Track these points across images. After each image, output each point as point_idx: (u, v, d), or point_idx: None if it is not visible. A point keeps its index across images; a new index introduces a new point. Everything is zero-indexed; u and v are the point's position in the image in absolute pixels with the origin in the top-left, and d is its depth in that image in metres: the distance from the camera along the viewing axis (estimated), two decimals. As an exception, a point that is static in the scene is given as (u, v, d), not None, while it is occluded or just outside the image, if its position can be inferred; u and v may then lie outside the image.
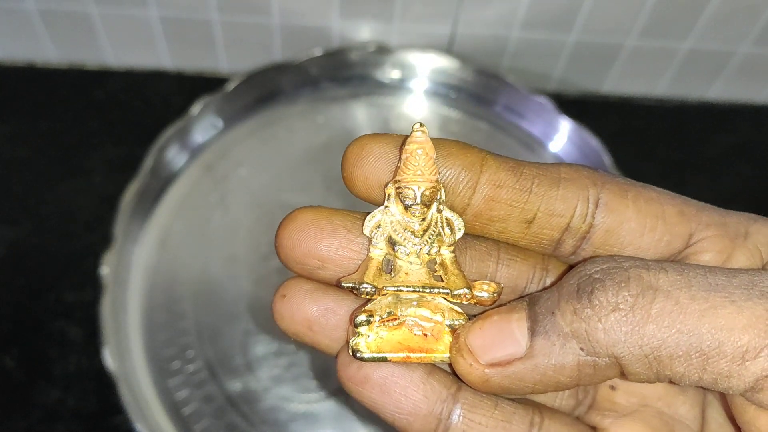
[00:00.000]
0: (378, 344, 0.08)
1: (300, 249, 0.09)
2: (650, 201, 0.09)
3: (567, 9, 0.28)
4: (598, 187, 0.09)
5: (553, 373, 0.08)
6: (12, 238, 0.25)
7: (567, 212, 0.08)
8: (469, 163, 0.08)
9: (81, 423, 0.21)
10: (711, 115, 0.33)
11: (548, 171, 0.09)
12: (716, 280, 0.07)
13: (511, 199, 0.08)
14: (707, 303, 0.07)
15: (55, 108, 0.30)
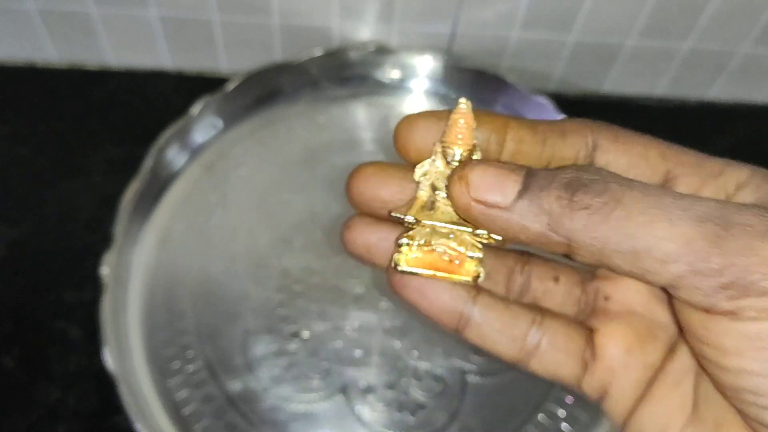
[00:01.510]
0: (413, 262, 0.11)
1: (367, 194, 0.12)
2: (636, 144, 0.11)
3: (567, 9, 0.29)
4: (595, 134, 0.11)
5: (519, 229, 0.10)
6: (12, 238, 0.25)
7: (573, 156, 0.11)
8: (497, 127, 0.11)
9: (81, 422, 0.21)
10: (711, 115, 0.33)
11: (556, 126, 0.11)
12: (665, 201, 0.09)
13: (531, 150, 0.11)
14: (651, 218, 0.09)
15: (56, 108, 0.30)
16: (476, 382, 0.22)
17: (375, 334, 0.23)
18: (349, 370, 0.22)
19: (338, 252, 0.25)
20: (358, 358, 0.22)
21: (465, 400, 0.21)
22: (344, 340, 0.22)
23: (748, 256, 0.09)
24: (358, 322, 0.23)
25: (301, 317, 0.23)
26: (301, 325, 0.23)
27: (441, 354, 0.22)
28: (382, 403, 0.21)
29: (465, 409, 0.21)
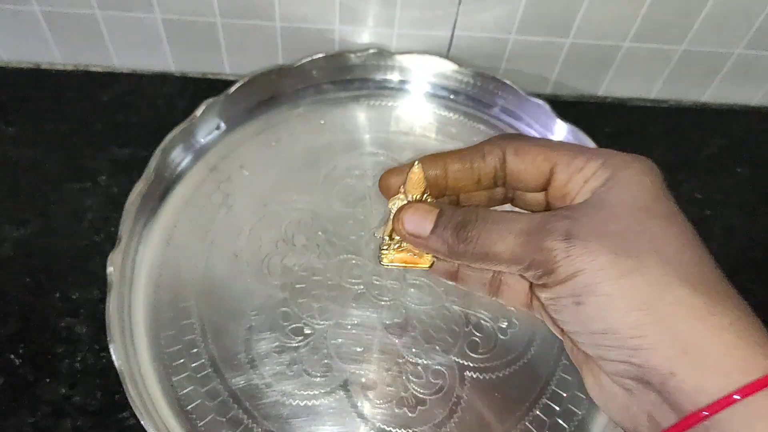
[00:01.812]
0: (392, 259, 0.17)
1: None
2: (528, 153, 0.16)
3: (563, 13, 0.29)
4: (503, 150, 0.16)
5: (433, 250, 0.16)
6: (19, 238, 0.26)
7: (492, 170, 0.16)
8: (439, 167, 0.16)
9: (87, 419, 0.22)
10: (705, 117, 0.34)
11: (479, 149, 0.16)
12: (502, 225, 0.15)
13: (464, 175, 0.16)
14: (494, 239, 0.15)
15: (61, 110, 0.30)
16: (474, 378, 0.22)
17: (375, 332, 0.23)
18: (349, 367, 0.22)
19: (339, 251, 0.25)
20: (359, 355, 0.22)
21: (463, 396, 0.22)
22: (345, 337, 0.23)
23: (544, 252, 0.14)
24: (359, 320, 0.23)
25: (303, 315, 0.23)
26: (303, 322, 0.23)
27: (440, 351, 0.23)
28: (382, 399, 0.22)
29: (463, 404, 0.22)
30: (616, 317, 0.13)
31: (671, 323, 0.12)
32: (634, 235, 0.13)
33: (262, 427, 0.21)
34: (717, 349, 0.12)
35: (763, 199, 0.31)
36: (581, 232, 0.13)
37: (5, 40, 0.30)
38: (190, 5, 0.28)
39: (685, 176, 0.31)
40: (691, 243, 0.14)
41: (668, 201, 0.14)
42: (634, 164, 0.15)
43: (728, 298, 0.13)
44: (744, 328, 0.12)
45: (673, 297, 0.12)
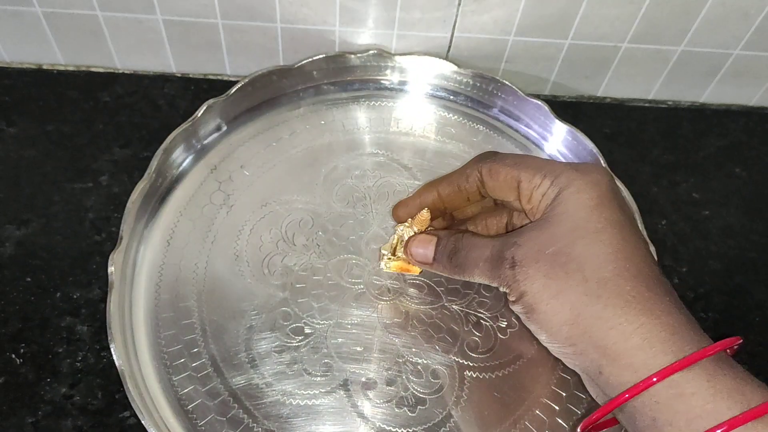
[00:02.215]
0: (391, 267, 0.23)
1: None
2: (499, 172, 0.19)
3: (562, 14, 0.29)
4: (479, 170, 0.20)
5: (435, 270, 0.21)
6: (20, 237, 0.26)
7: (475, 188, 0.20)
8: (435, 198, 0.21)
9: (87, 418, 0.22)
10: (703, 117, 0.34)
11: (462, 173, 0.21)
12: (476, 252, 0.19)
13: (455, 198, 0.21)
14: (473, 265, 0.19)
15: (63, 110, 0.30)
16: (474, 378, 0.22)
17: (375, 331, 0.23)
18: (349, 366, 0.22)
19: (339, 251, 0.25)
20: (359, 355, 0.23)
21: (463, 396, 0.22)
22: (345, 337, 0.23)
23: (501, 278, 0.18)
24: (359, 320, 0.23)
25: (303, 314, 0.23)
26: (303, 322, 0.23)
27: (440, 351, 0.23)
28: (382, 399, 0.22)
29: (463, 404, 0.22)
30: (553, 330, 0.16)
31: (591, 333, 0.16)
32: (564, 257, 0.16)
33: (263, 426, 0.21)
34: (626, 352, 0.15)
35: (761, 199, 0.31)
36: (524, 259, 0.17)
37: (7, 40, 0.30)
38: (191, 6, 0.29)
39: (683, 176, 0.31)
40: (612, 257, 0.16)
41: (600, 215, 0.17)
42: (576, 181, 0.17)
43: (637, 305, 0.16)
44: (647, 332, 0.15)
45: (590, 312, 0.16)
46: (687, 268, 0.28)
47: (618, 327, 0.15)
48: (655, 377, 0.15)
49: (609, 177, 0.18)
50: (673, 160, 0.32)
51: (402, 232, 0.22)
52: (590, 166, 0.18)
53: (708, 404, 0.14)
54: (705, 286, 0.28)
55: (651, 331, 0.15)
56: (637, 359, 0.15)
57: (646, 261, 0.16)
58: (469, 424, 0.21)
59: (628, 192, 0.27)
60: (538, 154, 0.30)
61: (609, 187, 0.17)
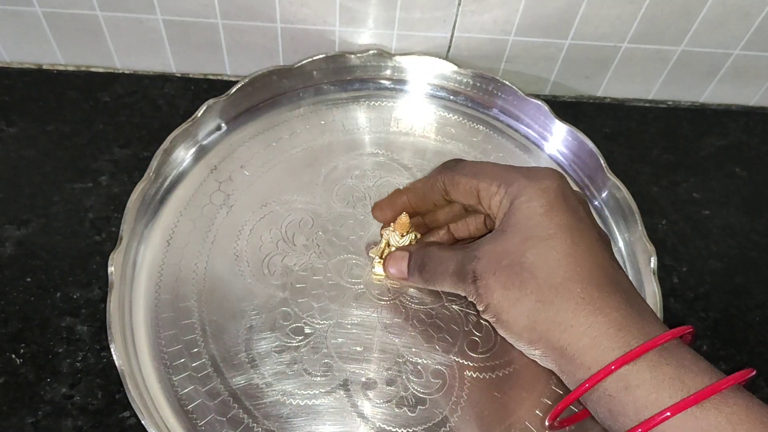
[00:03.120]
0: (378, 271, 0.24)
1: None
2: (459, 183, 0.20)
3: (562, 14, 0.29)
4: (442, 180, 0.21)
5: (413, 284, 0.23)
6: (20, 237, 0.26)
7: (440, 197, 0.21)
8: (401, 200, 0.23)
9: (87, 419, 0.22)
10: (703, 117, 0.34)
11: (428, 181, 0.22)
12: (443, 265, 0.20)
13: (422, 203, 0.22)
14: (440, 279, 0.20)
15: (63, 110, 0.30)
16: (474, 378, 0.22)
17: (375, 331, 0.23)
18: (349, 366, 0.22)
19: (339, 251, 0.25)
20: (359, 355, 0.23)
21: (463, 396, 0.22)
22: (345, 337, 0.23)
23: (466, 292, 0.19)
24: (359, 319, 0.23)
25: (303, 314, 0.23)
26: (303, 322, 0.23)
27: (440, 351, 0.23)
28: (382, 399, 0.22)
29: (463, 404, 0.22)
30: (516, 336, 0.18)
31: (548, 337, 0.17)
32: (518, 267, 0.17)
33: (263, 426, 0.21)
34: (579, 352, 0.16)
35: (762, 199, 0.31)
36: (484, 272, 0.18)
37: (7, 40, 0.30)
38: (191, 6, 0.29)
39: (683, 176, 0.31)
40: (562, 263, 0.17)
41: (551, 222, 0.18)
42: (527, 190, 0.18)
43: (587, 307, 0.17)
44: (596, 331, 0.16)
45: (545, 317, 0.17)
46: (687, 267, 0.28)
47: (570, 329, 0.17)
48: (600, 373, 0.16)
49: (558, 181, 0.18)
50: (673, 160, 0.32)
51: (388, 236, 0.23)
52: (541, 172, 0.19)
53: (651, 394, 0.15)
54: (705, 286, 0.28)
55: (599, 329, 0.16)
56: (588, 358, 0.16)
57: (597, 261, 0.17)
58: (469, 424, 0.21)
59: (627, 191, 0.27)
60: (538, 154, 0.30)
61: (558, 192, 0.18)
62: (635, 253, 0.26)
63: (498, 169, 0.20)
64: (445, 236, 0.23)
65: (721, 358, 0.26)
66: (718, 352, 0.26)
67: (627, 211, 0.27)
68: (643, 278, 0.25)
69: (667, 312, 0.25)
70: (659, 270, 0.25)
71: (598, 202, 0.28)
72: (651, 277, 0.25)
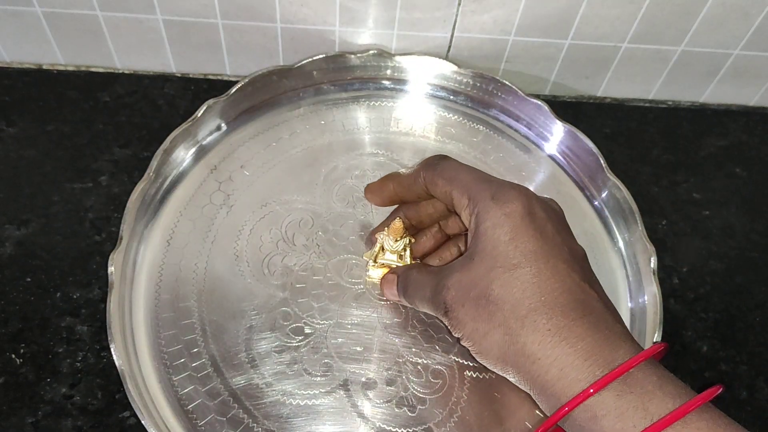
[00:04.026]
0: (371, 274, 0.24)
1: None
2: (437, 184, 0.20)
3: (562, 14, 0.29)
4: (423, 180, 0.21)
5: (409, 305, 0.22)
6: (20, 237, 0.26)
7: (423, 191, 0.21)
8: (388, 190, 0.23)
9: (87, 418, 0.22)
10: (703, 117, 0.34)
11: (410, 176, 0.22)
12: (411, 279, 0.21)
13: (407, 194, 0.22)
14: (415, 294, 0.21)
15: (63, 110, 0.30)
16: (474, 378, 0.22)
17: (375, 331, 0.23)
18: (349, 366, 0.22)
19: (339, 251, 0.25)
20: (359, 355, 0.23)
21: (463, 396, 0.22)
22: (345, 337, 0.23)
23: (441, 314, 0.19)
24: (359, 319, 0.23)
25: (303, 314, 0.23)
26: (303, 322, 0.23)
27: (440, 351, 0.23)
28: (382, 399, 0.22)
29: (463, 404, 0.22)
30: (490, 365, 0.18)
31: (518, 368, 0.17)
32: (484, 300, 0.18)
33: (263, 426, 0.21)
34: (548, 383, 0.17)
35: (762, 199, 0.31)
36: (454, 304, 0.18)
37: (7, 40, 0.30)
38: (191, 6, 0.29)
39: (683, 176, 0.31)
40: (528, 293, 0.17)
41: (516, 249, 0.18)
42: (491, 213, 0.18)
43: (553, 338, 0.17)
44: (562, 363, 0.16)
45: (513, 350, 0.17)
46: (687, 268, 0.28)
47: (537, 362, 0.17)
48: (566, 407, 0.16)
49: (524, 202, 0.18)
50: (673, 160, 0.32)
51: (382, 240, 0.23)
52: (508, 194, 0.18)
53: (617, 424, 0.15)
54: (705, 286, 0.28)
55: (565, 361, 0.16)
56: (557, 389, 0.16)
57: (564, 286, 0.17)
58: (470, 424, 0.21)
59: (627, 192, 0.27)
60: (538, 155, 0.30)
61: (524, 215, 0.18)
62: (635, 253, 0.26)
63: (471, 181, 0.19)
64: (437, 234, 0.23)
65: (721, 359, 0.26)
66: (718, 353, 0.26)
67: (627, 211, 0.27)
68: (643, 278, 0.25)
69: (667, 312, 0.25)
70: (659, 270, 0.25)
71: (598, 202, 0.28)
72: (651, 277, 0.25)
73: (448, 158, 0.21)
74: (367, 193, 0.23)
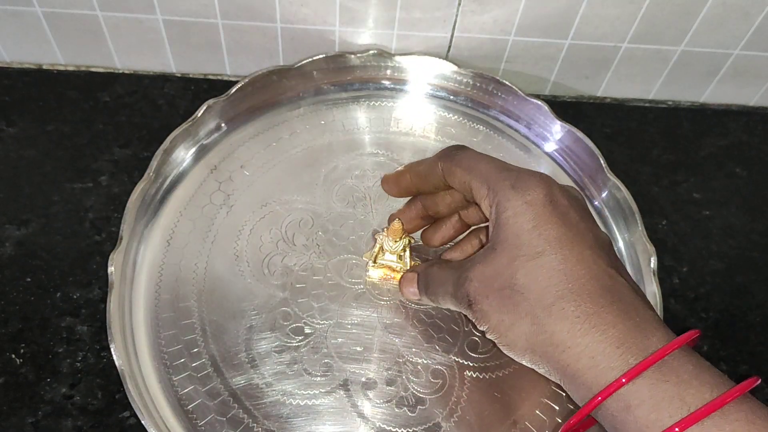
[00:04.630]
0: (371, 275, 0.24)
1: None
2: (455, 175, 0.20)
3: (562, 14, 0.29)
4: (441, 171, 0.21)
5: (431, 303, 0.22)
6: (20, 237, 0.26)
7: (440, 180, 0.21)
8: (405, 179, 0.23)
9: (88, 418, 0.22)
10: (703, 117, 0.34)
11: (428, 164, 0.21)
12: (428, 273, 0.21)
13: (424, 184, 0.22)
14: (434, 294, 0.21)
15: (63, 110, 0.30)
16: (474, 378, 0.22)
17: (375, 331, 0.23)
18: (349, 366, 0.22)
19: (339, 251, 0.25)
20: (359, 355, 0.23)
21: (463, 396, 0.22)
22: (345, 337, 0.23)
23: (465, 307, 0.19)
24: (359, 319, 0.23)
25: (303, 314, 0.23)
26: (303, 322, 0.23)
27: (440, 351, 0.23)
28: (382, 399, 0.22)
29: (463, 404, 0.22)
30: (518, 357, 0.18)
31: (548, 358, 0.17)
32: (509, 290, 0.17)
33: (263, 426, 0.21)
34: (579, 372, 0.16)
35: (762, 199, 0.31)
36: (477, 296, 0.18)
37: (7, 40, 0.30)
38: (191, 6, 0.29)
39: (683, 176, 0.31)
40: (554, 281, 0.17)
41: (539, 237, 0.17)
42: (512, 203, 0.18)
43: (582, 325, 0.16)
44: (593, 351, 0.16)
45: (542, 340, 0.17)
46: (687, 268, 0.28)
47: (567, 350, 0.16)
48: (599, 396, 0.15)
49: (546, 190, 0.18)
50: (673, 160, 0.32)
51: (381, 240, 0.23)
52: (527, 182, 0.18)
53: (651, 414, 0.15)
54: (705, 286, 0.28)
55: (596, 349, 0.16)
56: (588, 378, 0.16)
57: (591, 273, 0.17)
58: (470, 424, 0.21)
59: (627, 192, 0.27)
60: (538, 155, 0.30)
61: (546, 203, 0.17)
62: (635, 253, 0.26)
63: (491, 170, 0.19)
64: (457, 224, 0.23)
65: (721, 359, 0.26)
66: (719, 353, 0.26)
67: (627, 211, 0.27)
68: (643, 278, 0.25)
69: (667, 312, 0.25)
70: (659, 270, 0.25)
71: (598, 202, 0.28)
72: (651, 277, 0.25)
73: (466, 148, 0.20)
74: (384, 185, 0.23)
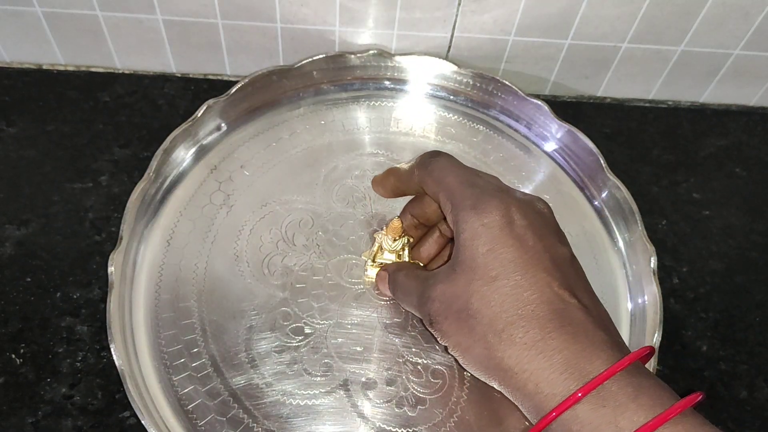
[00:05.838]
0: (370, 274, 0.24)
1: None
2: (427, 184, 0.20)
3: (562, 14, 0.29)
4: (418, 181, 0.21)
5: (399, 301, 0.22)
6: (20, 238, 0.26)
7: (419, 187, 0.21)
8: (389, 183, 0.23)
9: (87, 418, 0.22)
10: (703, 117, 0.34)
11: (408, 171, 0.22)
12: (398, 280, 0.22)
13: (406, 188, 0.23)
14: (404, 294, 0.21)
15: (63, 110, 0.30)
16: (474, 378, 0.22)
17: (375, 331, 0.23)
18: (349, 366, 0.22)
19: (339, 251, 0.25)
20: (359, 355, 0.23)
21: (463, 396, 0.22)
22: (345, 337, 0.23)
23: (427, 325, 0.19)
24: (359, 320, 0.23)
25: (303, 314, 0.23)
26: (303, 322, 0.23)
27: (440, 351, 0.23)
28: (382, 399, 0.22)
29: (463, 404, 0.22)
30: (476, 375, 0.18)
31: (500, 381, 0.17)
32: (465, 314, 0.18)
33: (263, 426, 0.21)
34: (527, 396, 0.17)
35: (762, 199, 0.31)
36: (437, 316, 0.18)
37: (7, 40, 0.30)
38: (191, 6, 0.29)
39: (683, 176, 0.31)
40: (506, 307, 0.17)
41: (495, 260, 0.17)
42: (470, 224, 0.18)
43: (529, 352, 0.16)
44: (538, 378, 0.16)
45: (493, 364, 0.17)
46: (687, 268, 0.28)
47: (515, 376, 0.17)
48: (543, 422, 0.16)
49: (502, 212, 0.18)
50: (673, 160, 0.32)
51: (381, 239, 0.23)
52: (488, 203, 0.18)
53: None
54: (705, 286, 0.28)
55: (540, 376, 0.16)
56: (534, 402, 0.17)
57: (543, 297, 0.17)
58: (470, 424, 0.21)
59: (627, 191, 0.27)
60: (538, 155, 0.30)
61: (503, 225, 0.17)
62: (635, 253, 0.26)
63: (456, 186, 0.19)
64: (439, 239, 0.23)
65: (721, 359, 0.26)
66: (718, 353, 0.26)
67: (627, 211, 0.27)
68: (643, 278, 0.25)
69: (667, 312, 0.25)
70: (659, 270, 0.25)
71: (598, 202, 0.28)
72: (651, 277, 0.25)
73: (441, 156, 0.20)
74: (373, 186, 0.24)
